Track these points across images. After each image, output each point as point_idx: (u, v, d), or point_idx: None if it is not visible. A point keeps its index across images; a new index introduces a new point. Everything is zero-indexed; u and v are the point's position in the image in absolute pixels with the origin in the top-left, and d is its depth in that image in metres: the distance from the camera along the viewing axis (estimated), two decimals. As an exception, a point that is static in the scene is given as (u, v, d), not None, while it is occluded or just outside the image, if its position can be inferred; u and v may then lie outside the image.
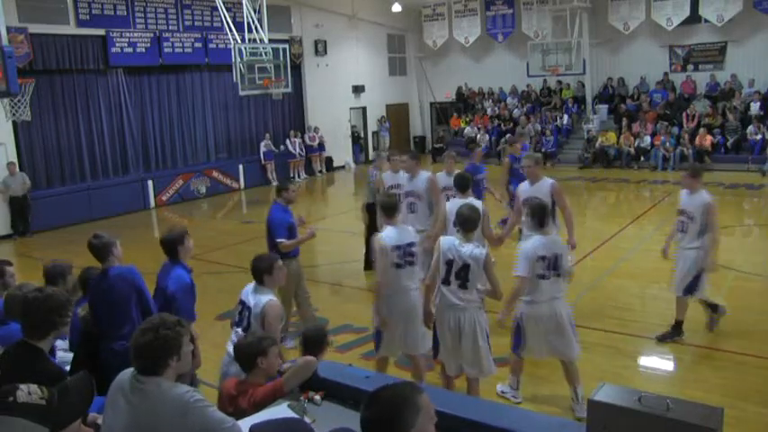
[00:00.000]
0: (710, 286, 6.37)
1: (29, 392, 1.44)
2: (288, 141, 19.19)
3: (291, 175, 18.96)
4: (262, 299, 4.15)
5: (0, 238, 12.94)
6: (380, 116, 22.93)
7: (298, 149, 19.29)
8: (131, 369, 2.66)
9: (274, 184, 18.24)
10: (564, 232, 6.45)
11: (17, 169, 13.01)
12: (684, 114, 18.10)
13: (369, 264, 8.22)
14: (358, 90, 21.67)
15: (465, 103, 23.02)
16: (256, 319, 4.10)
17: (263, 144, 18.48)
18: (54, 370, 3.06)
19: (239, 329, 4.20)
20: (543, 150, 19.33)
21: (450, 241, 4.72)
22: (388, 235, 4.96)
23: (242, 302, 4.30)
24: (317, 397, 3.17)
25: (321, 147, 20.03)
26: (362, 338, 6.72)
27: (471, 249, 4.60)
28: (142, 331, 2.65)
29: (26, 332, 3.08)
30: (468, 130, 21.61)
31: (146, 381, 2.58)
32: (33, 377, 2.44)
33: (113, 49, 14.87)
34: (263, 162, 18.51)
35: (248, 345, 3.53)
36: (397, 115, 23.48)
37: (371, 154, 22.62)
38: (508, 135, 18.67)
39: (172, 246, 4.49)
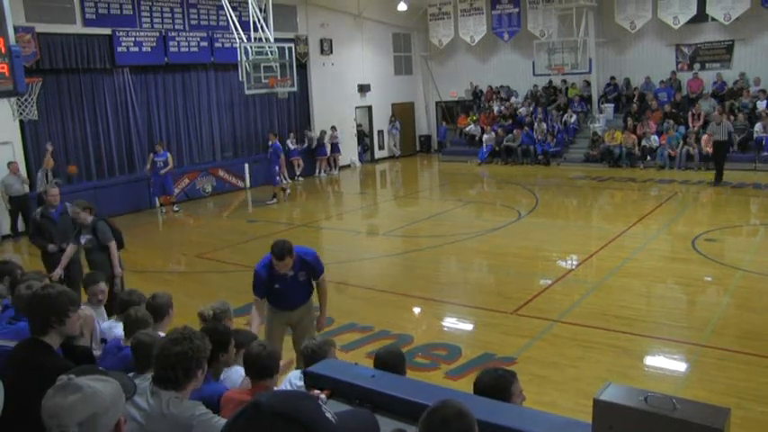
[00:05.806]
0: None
1: None
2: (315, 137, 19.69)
3: (318, 172, 19.79)
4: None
5: (2, 238, 12.95)
6: (390, 116, 22.95)
7: (329, 146, 19.87)
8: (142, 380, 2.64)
9: (284, 182, 18.31)
10: None
11: (19, 169, 12.81)
12: (690, 114, 18.01)
13: None
14: (363, 89, 21.66)
15: (479, 101, 22.91)
16: None
17: (288, 142, 18.70)
18: (62, 365, 3.07)
19: None
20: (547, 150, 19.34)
21: None
22: None
23: None
24: (323, 396, 3.17)
25: (336, 146, 20.30)
26: (368, 337, 6.73)
27: None
28: (172, 341, 2.59)
29: (30, 328, 3.07)
30: (471, 128, 21.56)
31: (162, 395, 2.55)
32: (41, 372, 2.44)
33: (119, 49, 14.91)
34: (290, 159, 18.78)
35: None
36: (402, 114, 23.47)
37: (377, 153, 22.66)
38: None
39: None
